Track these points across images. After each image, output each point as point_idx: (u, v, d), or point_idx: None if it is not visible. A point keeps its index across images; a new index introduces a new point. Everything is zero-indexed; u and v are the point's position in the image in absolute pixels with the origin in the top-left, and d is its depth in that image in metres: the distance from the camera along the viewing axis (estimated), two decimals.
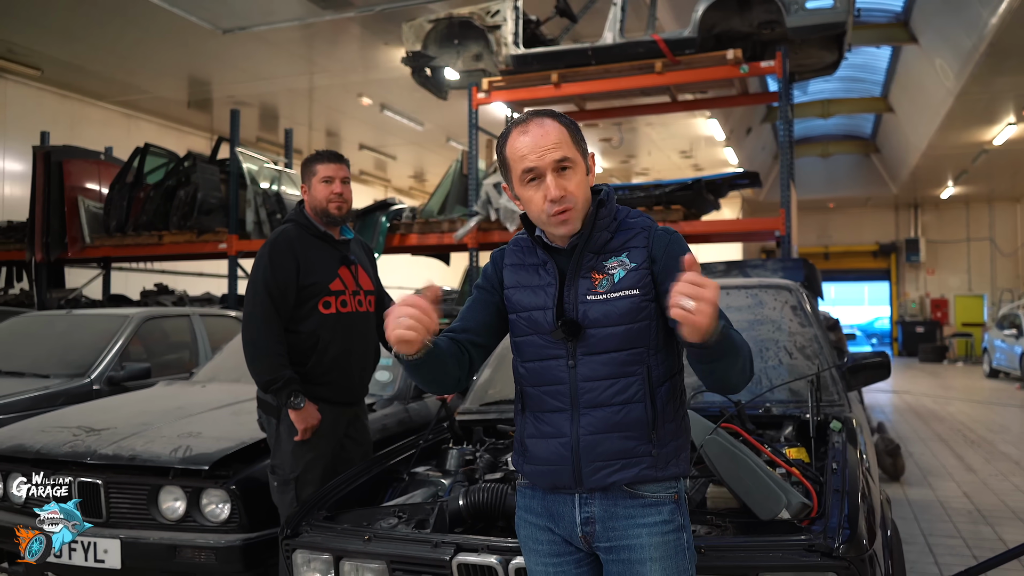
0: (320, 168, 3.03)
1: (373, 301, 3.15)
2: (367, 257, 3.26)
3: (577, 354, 1.65)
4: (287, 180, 9.37)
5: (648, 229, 1.70)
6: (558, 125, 1.67)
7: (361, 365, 3.09)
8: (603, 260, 1.68)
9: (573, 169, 1.65)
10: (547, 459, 1.67)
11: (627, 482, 1.63)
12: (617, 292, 1.64)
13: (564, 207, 1.62)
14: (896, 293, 24.42)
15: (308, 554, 2.20)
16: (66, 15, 9.93)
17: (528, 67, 7.39)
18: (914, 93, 15.03)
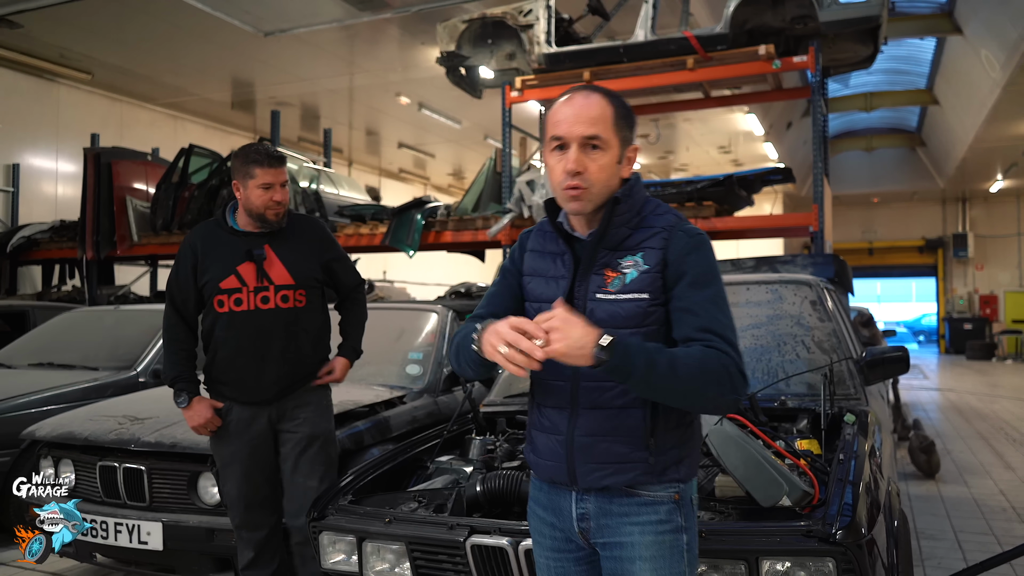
0: (259, 173, 2.86)
1: (293, 296, 2.92)
2: (309, 245, 3.02)
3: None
4: (326, 179, 9.58)
5: (668, 229, 1.62)
6: (604, 103, 1.61)
7: (260, 366, 2.88)
8: (618, 257, 1.62)
9: (602, 150, 1.59)
10: (547, 453, 1.67)
11: (620, 485, 1.61)
12: (626, 294, 1.59)
13: (577, 183, 1.58)
14: (943, 289, 23.92)
15: (333, 536, 2.33)
16: (116, 21, 10.27)
17: (561, 65, 7.46)
18: (960, 85, 14.73)
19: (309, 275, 2.97)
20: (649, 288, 1.59)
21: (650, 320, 1.59)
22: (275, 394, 2.91)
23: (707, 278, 1.60)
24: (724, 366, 1.51)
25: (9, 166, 11.87)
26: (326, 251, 3.08)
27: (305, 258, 2.99)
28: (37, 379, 4.92)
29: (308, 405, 2.98)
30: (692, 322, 1.56)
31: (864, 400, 2.96)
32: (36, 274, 11.55)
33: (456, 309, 4.83)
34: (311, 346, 3.00)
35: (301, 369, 2.97)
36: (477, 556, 2.08)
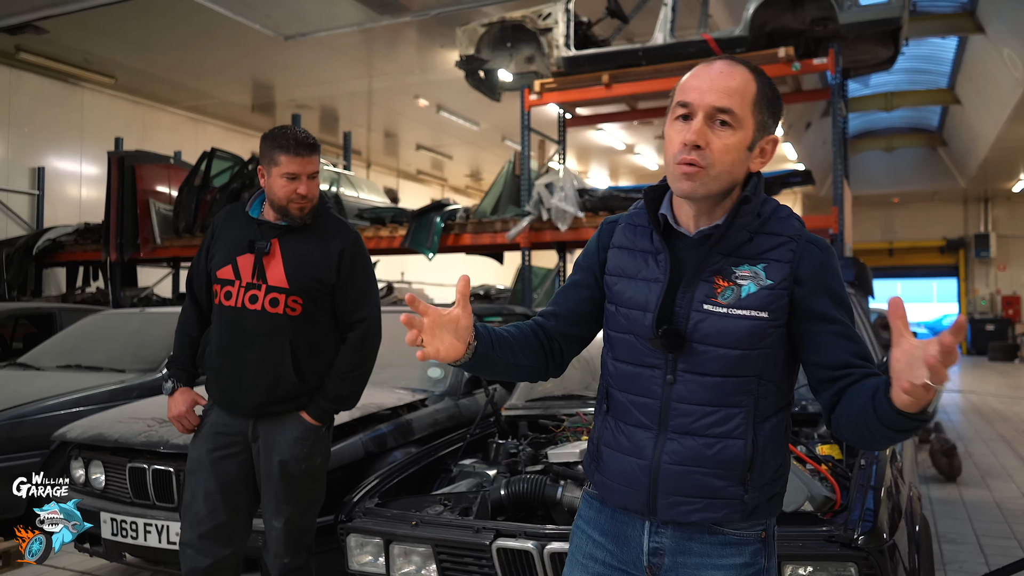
0: (284, 160, 2.52)
1: (284, 301, 2.56)
2: (326, 251, 2.63)
3: (678, 369, 1.40)
4: (346, 182, 9.66)
5: (797, 240, 1.41)
6: (749, 76, 1.39)
7: (236, 371, 2.57)
8: (733, 265, 1.39)
9: (732, 129, 1.36)
10: (621, 477, 1.46)
11: (707, 522, 1.42)
12: (742, 309, 1.37)
13: (694, 159, 1.35)
14: (965, 290, 23.70)
15: (361, 538, 2.38)
16: (139, 26, 10.42)
17: (580, 68, 7.50)
18: (982, 84, 14.61)
19: (310, 283, 2.57)
20: (771, 307, 1.37)
21: (765, 343, 1.38)
22: (250, 408, 2.57)
23: (843, 294, 1.43)
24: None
25: (34, 169, 12.07)
26: (345, 265, 2.63)
27: (314, 263, 2.59)
28: (65, 381, 5.01)
29: (287, 432, 2.56)
30: (849, 348, 1.38)
31: None
32: (60, 276, 11.72)
33: (477, 313, 4.87)
34: (295, 365, 2.56)
35: (278, 389, 2.55)
36: (503, 559, 2.11)
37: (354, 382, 2.66)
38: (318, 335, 2.63)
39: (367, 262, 2.74)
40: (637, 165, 19.72)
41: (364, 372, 2.69)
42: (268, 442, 2.57)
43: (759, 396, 1.39)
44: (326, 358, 2.64)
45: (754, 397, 1.39)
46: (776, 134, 1.44)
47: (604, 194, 7.42)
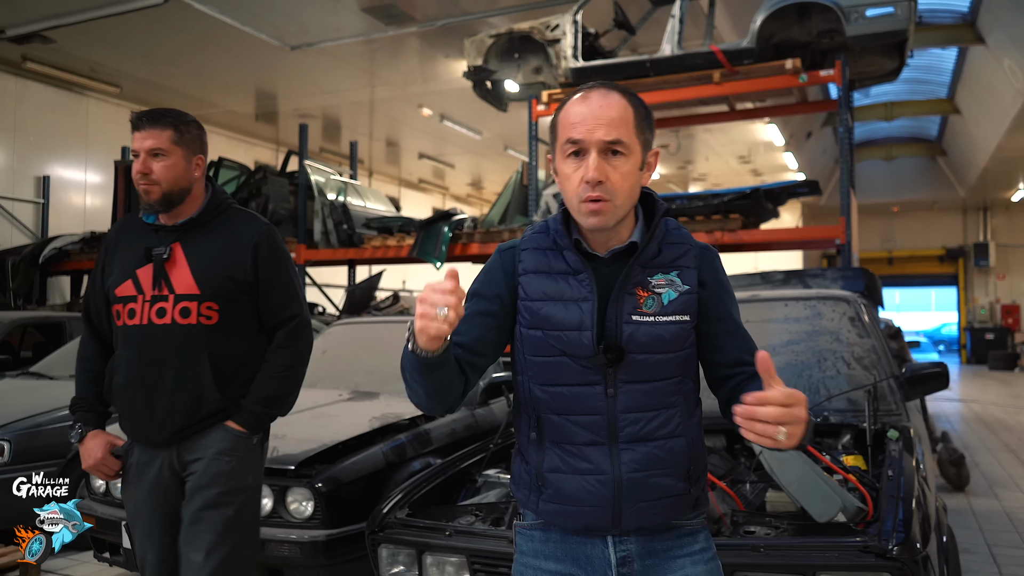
0: (133, 137, 2.26)
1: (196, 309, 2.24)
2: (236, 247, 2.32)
3: (617, 381, 1.44)
4: (353, 191, 9.70)
5: (694, 247, 1.52)
6: (625, 103, 1.43)
7: (151, 397, 2.25)
8: (649, 276, 1.46)
9: (625, 156, 1.41)
10: (580, 498, 1.45)
11: (668, 520, 1.49)
12: (667, 315, 1.44)
13: (599, 195, 1.40)
14: (964, 299, 23.78)
15: (393, 548, 2.40)
16: (145, 36, 10.45)
17: (587, 79, 7.51)
18: (982, 94, 14.71)
19: (223, 284, 2.27)
20: (689, 310, 1.47)
21: (687, 343, 1.48)
22: (168, 436, 2.25)
23: (733, 295, 1.58)
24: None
25: (39, 178, 12.08)
26: (262, 260, 2.33)
27: (226, 262, 2.29)
28: None
29: (210, 445, 2.26)
30: (742, 345, 1.52)
31: (905, 416, 3.00)
32: (65, 284, 11.72)
33: None
34: (218, 381, 2.26)
35: (201, 407, 2.25)
36: None
37: (285, 383, 2.34)
38: (241, 343, 2.33)
39: (286, 254, 2.43)
40: None
41: (296, 374, 2.38)
42: (190, 469, 2.25)
43: (685, 394, 1.50)
44: (254, 369, 2.33)
45: (683, 396, 1.49)
46: (655, 147, 1.49)
47: None
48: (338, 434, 3.51)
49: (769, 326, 3.41)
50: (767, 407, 1.20)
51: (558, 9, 8.23)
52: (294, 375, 2.38)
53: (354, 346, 5.11)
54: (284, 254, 2.41)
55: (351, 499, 3.35)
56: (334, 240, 8.82)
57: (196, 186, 2.34)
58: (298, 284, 2.44)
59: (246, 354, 2.34)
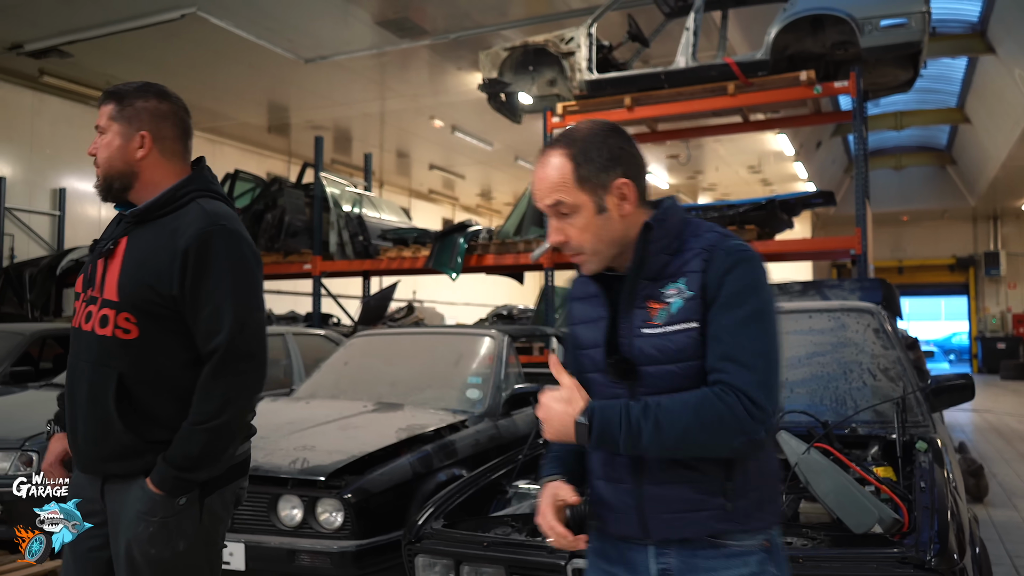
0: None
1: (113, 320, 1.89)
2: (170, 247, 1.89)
3: (637, 394, 1.46)
4: (368, 203, 9.77)
5: (708, 250, 1.47)
6: (562, 161, 1.48)
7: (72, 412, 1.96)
8: (659, 287, 1.48)
9: (575, 213, 1.48)
10: (611, 505, 1.52)
11: (700, 535, 1.45)
12: (674, 325, 1.44)
13: (569, 254, 1.52)
14: (975, 308, 23.70)
15: (429, 559, 2.43)
16: (160, 49, 10.56)
17: (602, 91, 7.59)
18: (992, 104, 14.72)
19: (144, 295, 1.88)
20: (697, 316, 1.44)
21: (702, 352, 1.44)
22: (89, 463, 1.94)
23: (741, 297, 1.43)
24: (726, 405, 1.37)
25: (56, 190, 12.19)
26: (190, 270, 1.87)
27: (153, 267, 1.89)
28: None
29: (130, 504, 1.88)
30: (715, 350, 1.42)
31: (932, 427, 3.02)
32: None
33: (512, 334, 4.94)
34: (121, 409, 1.87)
35: (108, 441, 1.88)
36: None
37: (208, 437, 1.84)
38: (168, 371, 1.90)
39: (225, 266, 1.89)
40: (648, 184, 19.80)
41: (224, 424, 1.85)
42: (114, 514, 1.91)
43: None
44: (177, 396, 1.89)
45: None
46: (618, 179, 1.49)
47: None
48: (366, 445, 3.55)
49: (793, 338, 3.43)
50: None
51: (571, 22, 8.30)
52: (220, 425, 1.85)
53: (375, 357, 5.16)
54: (220, 265, 1.88)
55: (379, 510, 3.39)
56: (349, 252, 8.88)
57: (147, 170, 1.98)
58: (239, 304, 1.88)
59: (174, 386, 1.90)
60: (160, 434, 1.87)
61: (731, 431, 1.36)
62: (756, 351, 1.40)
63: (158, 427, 1.88)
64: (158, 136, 1.98)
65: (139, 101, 1.97)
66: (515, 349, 4.92)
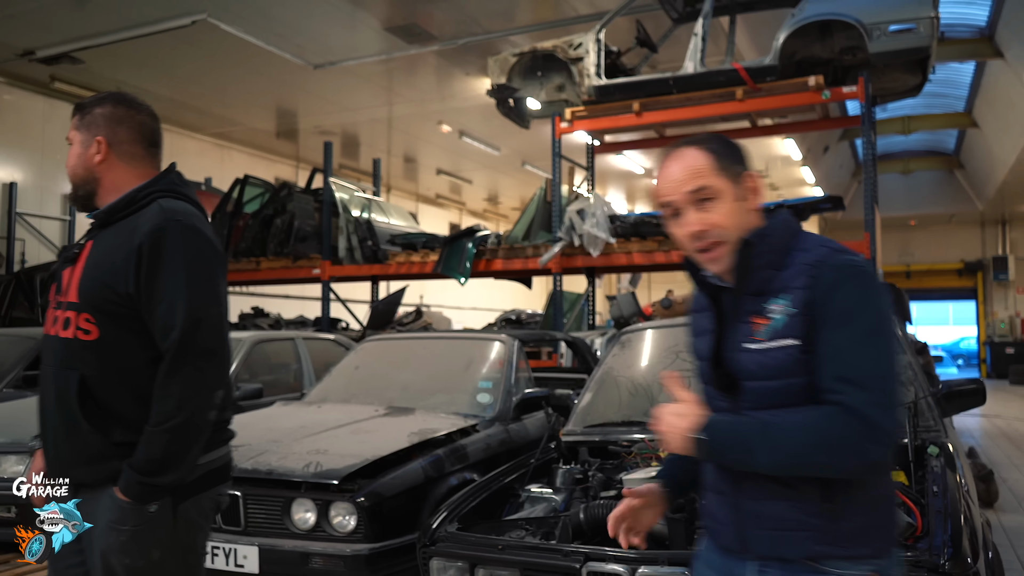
0: None
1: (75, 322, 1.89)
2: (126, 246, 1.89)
3: (741, 409, 1.47)
4: (376, 208, 9.81)
5: (815, 266, 1.44)
6: (699, 153, 1.52)
7: (44, 419, 1.97)
8: (764, 302, 1.47)
9: (718, 199, 1.49)
10: (714, 516, 1.55)
11: (798, 556, 1.43)
12: (775, 340, 1.43)
13: (707, 243, 1.49)
14: (983, 313, 23.62)
15: (444, 561, 2.45)
16: (170, 55, 10.64)
17: (610, 97, 7.63)
18: (1000, 108, 14.70)
19: (102, 293, 1.88)
20: (799, 333, 1.42)
21: (806, 369, 1.41)
22: (56, 469, 1.93)
23: (853, 313, 1.40)
24: (846, 427, 1.33)
25: (66, 195, 12.27)
26: (145, 265, 1.86)
27: (109, 267, 1.90)
28: None
29: (101, 512, 1.87)
30: (828, 370, 1.39)
31: (943, 432, 3.02)
32: None
33: (521, 338, 4.96)
34: (85, 411, 1.87)
35: (73, 444, 1.88)
36: None
37: (168, 438, 1.81)
38: (131, 372, 1.89)
39: (180, 260, 1.87)
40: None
41: (183, 423, 1.82)
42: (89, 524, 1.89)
43: None
44: (140, 398, 1.87)
45: None
46: (750, 170, 1.54)
47: (635, 220, 7.52)
48: (378, 449, 3.57)
49: None
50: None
51: (579, 28, 8.34)
52: (179, 428, 1.82)
53: (386, 362, 5.18)
54: (174, 260, 1.86)
55: (392, 513, 3.41)
56: (359, 256, 8.92)
57: (107, 174, 2.00)
58: (194, 299, 1.86)
59: (137, 385, 1.87)
60: (125, 435, 1.86)
61: (849, 453, 1.34)
62: (873, 371, 1.37)
63: (122, 428, 1.87)
64: (114, 140, 2.00)
65: (96, 108, 2.01)
66: (525, 354, 4.94)
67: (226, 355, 1.94)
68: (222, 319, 1.93)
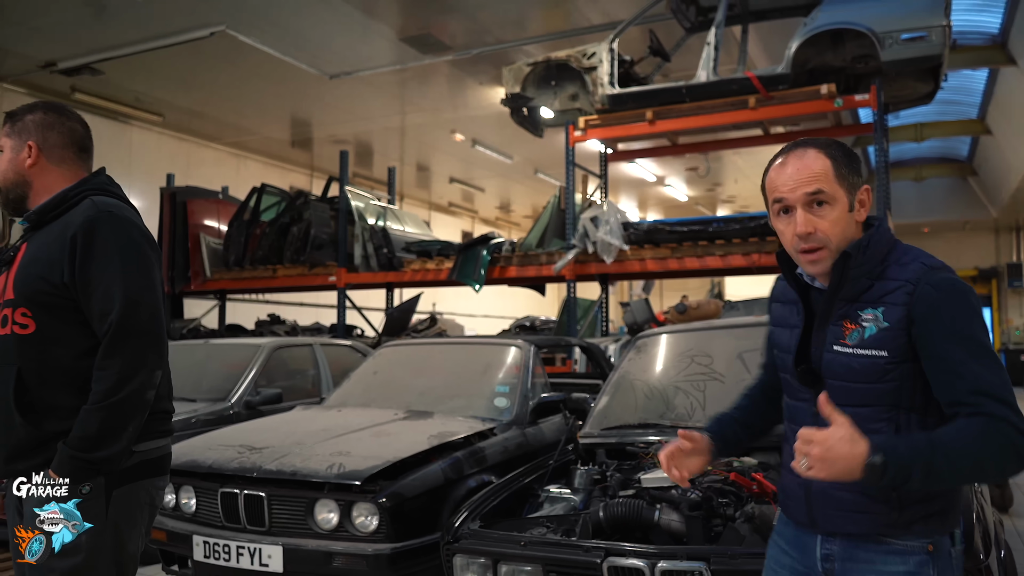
0: None
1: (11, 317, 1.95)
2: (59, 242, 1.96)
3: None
4: (392, 216, 9.91)
5: (914, 283, 1.52)
6: (821, 156, 1.57)
7: None
8: (858, 309, 1.56)
9: (831, 205, 1.55)
10: (788, 493, 1.68)
11: (862, 532, 1.57)
12: (864, 349, 1.53)
13: (812, 245, 1.55)
14: (998, 320, 23.50)
15: (467, 558, 2.52)
16: (189, 66, 10.81)
17: (623, 105, 7.70)
18: (1014, 115, 14.67)
19: (37, 287, 1.93)
20: (889, 346, 1.52)
21: (889, 377, 1.52)
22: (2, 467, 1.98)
23: (964, 331, 1.49)
24: (1005, 436, 1.42)
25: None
26: (79, 253, 1.92)
27: (44, 260, 1.96)
28: None
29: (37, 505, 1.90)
30: (960, 385, 1.47)
31: None
32: None
33: (537, 343, 5.02)
34: (20, 403, 1.91)
35: (11, 436, 1.93)
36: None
37: (104, 415, 1.85)
38: (67, 361, 1.93)
39: (113, 247, 1.94)
40: (667, 196, 19.89)
41: (120, 401, 1.87)
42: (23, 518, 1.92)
43: (900, 424, 1.54)
44: (73, 389, 1.91)
45: (895, 424, 1.54)
46: (865, 183, 1.60)
47: (649, 227, 7.58)
48: (399, 451, 3.64)
49: None
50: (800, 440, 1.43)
51: (592, 38, 8.43)
52: (117, 405, 1.86)
53: (404, 367, 5.25)
54: (107, 248, 1.92)
55: (413, 514, 3.47)
56: (374, 264, 9.01)
57: (38, 177, 2.06)
58: (129, 283, 1.91)
59: (74, 376, 1.92)
60: (59, 425, 1.90)
61: (1010, 459, 1.43)
62: (1002, 382, 1.47)
63: (56, 418, 1.91)
64: (45, 145, 2.06)
65: (28, 116, 2.08)
66: (541, 359, 5.01)
67: (163, 338, 1.98)
68: (158, 303, 1.98)
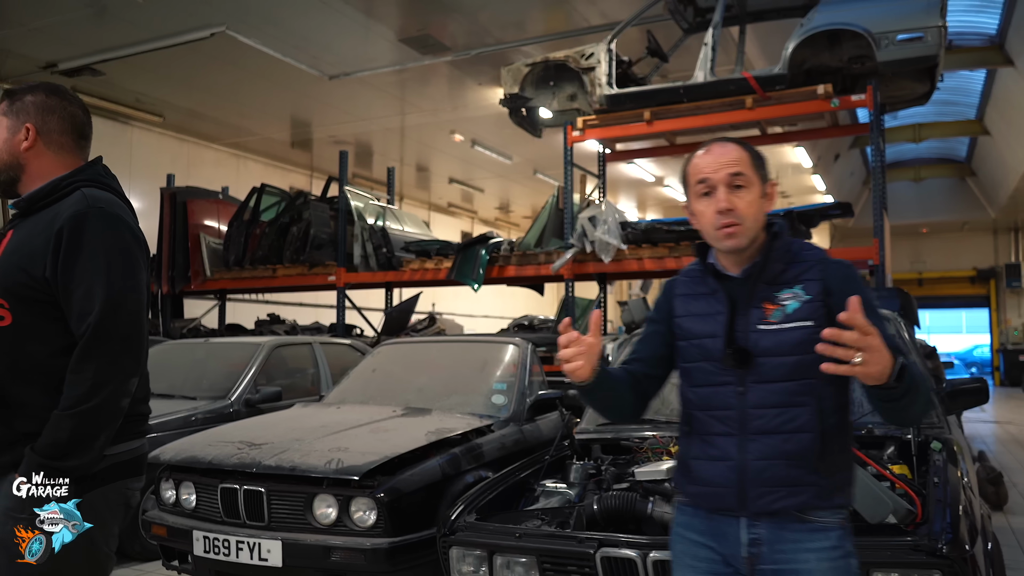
0: None
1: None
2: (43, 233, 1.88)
3: (747, 382, 1.70)
4: (391, 216, 9.95)
5: (823, 262, 1.74)
6: (740, 148, 1.78)
7: None
8: (775, 291, 1.72)
9: (747, 188, 1.72)
10: (712, 481, 1.72)
11: (792, 508, 1.66)
12: (790, 323, 1.68)
13: (731, 220, 1.70)
14: (997, 320, 23.54)
15: (463, 550, 2.56)
16: (189, 67, 10.83)
17: (621, 106, 7.73)
18: (1012, 115, 14.72)
19: (17, 279, 1.87)
20: (814, 316, 1.67)
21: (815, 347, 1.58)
22: None
23: (874, 302, 1.68)
24: (925, 375, 1.62)
25: None
26: (64, 249, 1.86)
27: (27, 252, 1.89)
28: None
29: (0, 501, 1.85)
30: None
31: (947, 429, 3.11)
32: None
33: (535, 342, 5.06)
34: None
35: None
36: (607, 567, 2.28)
37: (76, 422, 1.78)
38: (43, 358, 1.87)
39: (100, 245, 1.87)
40: (666, 197, 19.93)
41: (94, 408, 1.79)
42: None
43: (821, 396, 1.68)
44: (48, 385, 1.85)
45: (817, 397, 1.67)
46: (772, 179, 1.81)
47: (646, 226, 7.61)
48: (397, 447, 3.68)
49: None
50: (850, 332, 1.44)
51: (590, 38, 8.46)
52: (89, 412, 1.78)
53: (402, 365, 5.30)
54: (94, 246, 1.85)
55: (411, 509, 3.51)
56: (373, 263, 9.04)
57: (33, 161, 1.99)
58: (113, 285, 1.84)
59: (47, 374, 1.85)
60: (30, 425, 1.83)
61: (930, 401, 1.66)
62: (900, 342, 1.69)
63: (27, 417, 1.84)
64: (43, 129, 1.99)
65: (28, 96, 2.00)
66: (539, 357, 5.04)
67: (143, 343, 1.91)
68: (140, 307, 1.91)
